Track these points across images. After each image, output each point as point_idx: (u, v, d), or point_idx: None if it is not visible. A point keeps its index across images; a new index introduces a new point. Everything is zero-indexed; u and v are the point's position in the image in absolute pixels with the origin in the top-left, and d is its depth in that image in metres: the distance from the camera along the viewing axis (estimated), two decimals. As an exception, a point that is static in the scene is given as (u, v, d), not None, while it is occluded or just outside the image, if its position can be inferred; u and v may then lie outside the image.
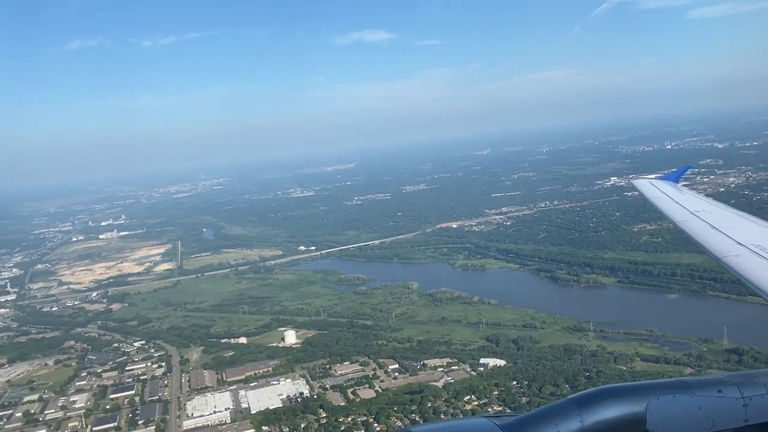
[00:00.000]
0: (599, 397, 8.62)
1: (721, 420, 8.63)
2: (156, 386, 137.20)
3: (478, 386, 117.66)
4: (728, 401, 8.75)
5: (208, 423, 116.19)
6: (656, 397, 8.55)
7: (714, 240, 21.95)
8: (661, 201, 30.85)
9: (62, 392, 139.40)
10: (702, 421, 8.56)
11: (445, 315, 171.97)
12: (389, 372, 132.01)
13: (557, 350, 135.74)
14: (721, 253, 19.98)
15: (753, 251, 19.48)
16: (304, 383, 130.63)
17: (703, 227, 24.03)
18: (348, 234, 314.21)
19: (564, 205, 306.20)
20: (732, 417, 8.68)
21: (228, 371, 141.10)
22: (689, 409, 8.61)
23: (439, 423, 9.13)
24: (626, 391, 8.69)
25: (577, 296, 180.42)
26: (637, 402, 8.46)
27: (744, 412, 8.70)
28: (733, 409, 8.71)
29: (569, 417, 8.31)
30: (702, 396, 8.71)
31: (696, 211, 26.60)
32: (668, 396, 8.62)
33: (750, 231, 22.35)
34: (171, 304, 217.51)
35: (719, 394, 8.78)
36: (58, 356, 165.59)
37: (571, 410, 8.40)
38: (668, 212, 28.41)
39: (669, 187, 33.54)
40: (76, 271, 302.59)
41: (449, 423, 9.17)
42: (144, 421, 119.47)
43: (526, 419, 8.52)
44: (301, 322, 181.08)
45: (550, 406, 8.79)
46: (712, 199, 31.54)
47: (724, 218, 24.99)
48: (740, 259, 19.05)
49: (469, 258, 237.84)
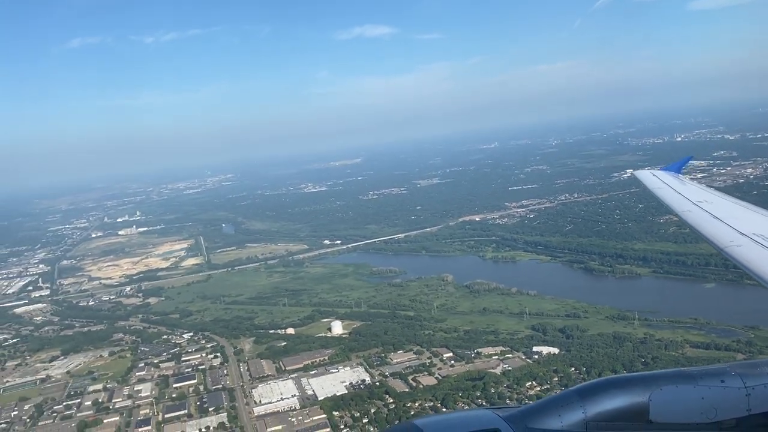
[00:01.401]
0: (602, 387, 8.76)
1: (724, 410, 8.72)
2: (216, 375, 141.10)
3: (537, 373, 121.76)
4: (731, 391, 8.82)
5: (278, 409, 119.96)
6: (659, 387, 8.65)
7: (716, 230, 22.07)
8: (663, 192, 31.08)
9: (125, 382, 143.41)
10: (705, 411, 8.64)
11: (486, 306, 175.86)
12: (445, 360, 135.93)
13: (607, 338, 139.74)
14: (724, 244, 20.12)
15: (755, 241, 19.59)
16: (363, 371, 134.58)
17: (705, 217, 24.14)
18: (370, 228, 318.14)
19: (584, 198, 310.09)
20: (735, 407, 8.76)
21: (285, 360, 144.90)
22: (692, 399, 8.70)
23: (444, 415, 9.04)
24: (629, 382, 8.80)
25: (614, 286, 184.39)
26: (639, 392, 8.56)
27: (747, 401, 8.79)
28: (736, 399, 8.79)
29: (572, 407, 8.43)
30: (705, 386, 8.78)
31: (698, 202, 26.76)
32: (671, 386, 8.71)
33: (752, 221, 22.54)
34: (208, 298, 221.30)
35: (722, 384, 8.85)
36: (110, 348, 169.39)
37: (574, 401, 8.53)
38: (670, 203, 28.56)
39: (671, 178, 33.89)
40: (103, 267, 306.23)
41: (454, 415, 9.10)
42: (214, 408, 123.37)
43: (529, 410, 8.72)
44: (343, 313, 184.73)
45: (552, 397, 9.01)
46: (714, 189, 32.16)
47: (726, 208, 25.22)
48: (742, 249, 19.14)
49: (497, 250, 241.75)
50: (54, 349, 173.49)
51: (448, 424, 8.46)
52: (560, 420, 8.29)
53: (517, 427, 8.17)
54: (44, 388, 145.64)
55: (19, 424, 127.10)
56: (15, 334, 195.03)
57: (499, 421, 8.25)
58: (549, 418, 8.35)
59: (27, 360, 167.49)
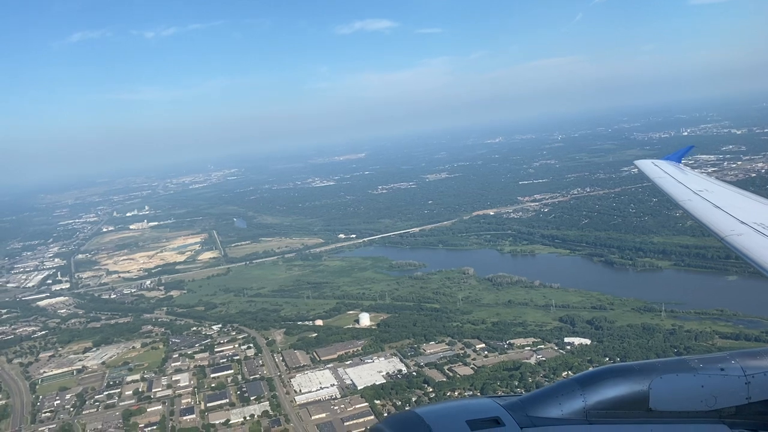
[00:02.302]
0: (602, 376, 8.83)
1: (724, 397, 8.80)
2: (252, 366, 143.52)
3: (572, 363, 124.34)
4: (731, 379, 8.91)
5: (319, 398, 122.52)
6: (659, 375, 8.73)
7: (717, 219, 22.13)
8: (664, 181, 31.10)
9: (161, 372, 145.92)
10: (705, 399, 8.72)
11: (511, 298, 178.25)
12: (478, 351, 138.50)
13: (636, 329, 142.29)
14: (724, 233, 20.18)
15: (756, 230, 19.66)
16: (398, 361, 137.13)
17: (705, 206, 24.16)
18: (384, 222, 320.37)
19: (597, 192, 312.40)
20: (734, 395, 8.84)
21: (319, 351, 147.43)
22: (692, 388, 8.77)
23: (445, 404, 9.10)
24: (629, 371, 8.86)
25: (636, 279, 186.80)
26: (640, 381, 8.64)
27: (746, 389, 8.87)
28: (735, 387, 8.86)
29: (572, 396, 8.51)
30: (705, 374, 8.87)
31: (699, 191, 26.80)
32: (671, 374, 8.79)
33: (753, 209, 22.64)
34: (230, 290, 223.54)
35: (722, 372, 8.95)
36: (141, 339, 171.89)
37: (574, 390, 8.59)
38: (671, 192, 28.57)
39: (672, 167, 33.84)
40: (118, 261, 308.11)
41: (454, 403, 9.30)
42: (255, 397, 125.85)
43: (529, 399, 8.75)
44: (368, 305, 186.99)
45: (552, 386, 9.03)
46: (715, 178, 32.40)
47: (726, 197, 25.26)
48: (743, 238, 19.18)
49: (515, 244, 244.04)
50: (85, 341, 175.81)
51: (449, 413, 8.52)
52: (560, 408, 8.37)
53: (517, 415, 8.25)
54: (82, 378, 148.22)
55: (63, 412, 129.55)
56: (42, 326, 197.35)
57: (500, 410, 8.33)
58: (549, 406, 8.43)
59: (59, 351, 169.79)
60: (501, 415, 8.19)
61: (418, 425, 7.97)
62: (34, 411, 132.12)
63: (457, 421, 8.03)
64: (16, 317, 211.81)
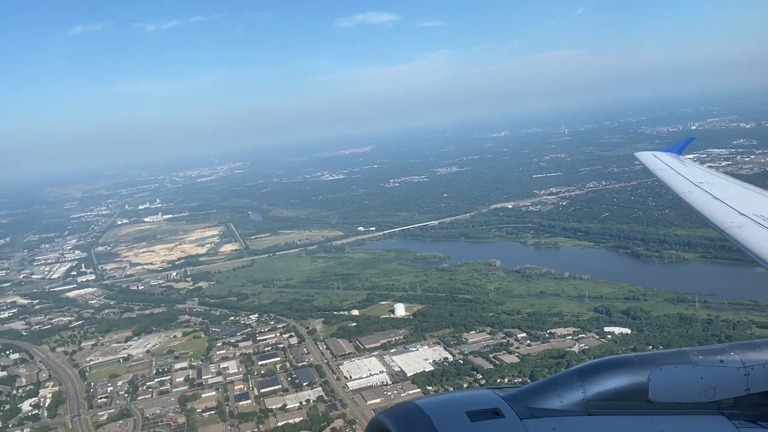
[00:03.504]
0: (601, 368, 8.83)
1: (723, 389, 8.84)
2: (298, 353, 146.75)
3: (616, 351, 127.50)
4: (730, 371, 8.94)
5: (371, 384, 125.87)
6: (658, 367, 8.73)
7: (717, 211, 22.16)
8: (664, 173, 31.04)
9: (208, 360, 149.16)
10: (704, 390, 8.76)
11: (542, 290, 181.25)
12: (520, 340, 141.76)
13: (673, 319, 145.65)
14: (724, 225, 20.25)
15: (756, 222, 19.72)
16: (443, 349, 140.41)
17: (706, 198, 24.18)
18: (401, 215, 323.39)
19: (613, 185, 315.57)
20: (733, 386, 8.89)
21: (361, 339, 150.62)
22: (691, 379, 8.80)
23: (444, 395, 9.23)
24: (628, 362, 8.86)
25: (664, 271, 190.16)
26: (639, 372, 8.65)
27: (746, 381, 8.91)
28: (734, 379, 8.90)
29: (572, 388, 8.51)
30: (704, 366, 8.89)
31: (699, 183, 26.79)
32: (670, 366, 8.80)
33: (753, 201, 22.77)
34: (258, 282, 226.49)
35: (721, 364, 8.97)
36: (181, 329, 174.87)
37: (574, 381, 8.61)
38: (671, 184, 28.54)
39: (672, 159, 33.98)
40: (139, 253, 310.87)
41: (454, 395, 9.34)
42: (307, 383, 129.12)
43: (529, 390, 8.74)
44: (399, 296, 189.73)
45: (552, 378, 9.02)
46: (715, 170, 32.49)
47: (726, 189, 25.31)
48: (743, 230, 19.19)
49: (537, 236, 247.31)
50: (123, 331, 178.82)
51: (449, 404, 8.59)
52: (560, 400, 8.39)
53: (516, 406, 8.28)
54: (129, 366, 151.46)
55: (118, 398, 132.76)
56: (77, 316, 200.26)
57: (500, 401, 8.36)
58: (549, 397, 8.44)
59: (100, 340, 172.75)
60: (501, 406, 8.23)
61: (418, 416, 8.00)
62: (89, 397, 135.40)
63: (456, 413, 8.07)
64: (50, 308, 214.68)
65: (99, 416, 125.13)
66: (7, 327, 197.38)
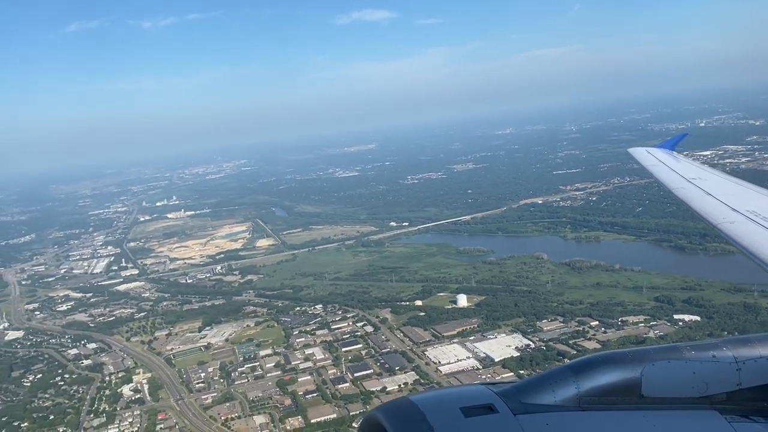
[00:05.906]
0: (595, 363, 8.86)
1: (715, 384, 8.90)
2: (378, 341, 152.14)
3: (694, 336, 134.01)
4: (722, 366, 8.99)
5: (462, 368, 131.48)
6: (651, 362, 8.79)
7: (709, 207, 22.45)
8: (657, 169, 31.25)
9: (290, 347, 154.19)
10: (696, 385, 8.83)
11: (597, 281, 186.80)
12: (594, 327, 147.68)
13: (737, 307, 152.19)
14: (717, 220, 20.52)
15: (748, 217, 19.91)
16: (521, 337, 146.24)
17: (698, 194, 24.53)
18: (430, 210, 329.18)
19: (638, 181, 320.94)
20: (725, 381, 8.94)
21: (437, 327, 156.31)
22: (683, 374, 8.85)
23: (438, 391, 9.47)
24: (621, 358, 8.91)
25: (711, 263, 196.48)
26: (632, 368, 8.70)
27: (737, 376, 8.96)
28: (726, 374, 8.95)
29: (565, 383, 8.56)
30: (696, 361, 8.94)
31: (692, 179, 27.00)
32: (663, 362, 8.86)
33: (745, 197, 23.13)
34: (306, 275, 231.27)
35: (713, 359, 9.01)
36: (251, 319, 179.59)
37: (567, 377, 8.66)
38: (664, 180, 28.78)
39: (665, 155, 34.39)
40: (173, 248, 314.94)
41: (448, 390, 9.43)
42: (399, 367, 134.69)
43: (523, 385, 8.78)
44: (455, 288, 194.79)
45: (545, 373, 9.10)
46: (708, 166, 33.61)
47: (719, 185, 25.66)
48: (735, 226, 19.39)
49: (575, 231, 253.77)
50: (191, 321, 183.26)
51: (443, 399, 8.70)
52: (554, 395, 8.41)
53: (510, 402, 8.30)
54: (213, 353, 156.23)
55: (214, 383, 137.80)
56: (138, 309, 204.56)
57: (494, 396, 8.38)
58: (543, 393, 8.46)
59: (172, 331, 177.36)
60: (494, 401, 8.24)
61: (411, 412, 8.04)
62: (184, 382, 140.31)
63: (450, 408, 8.08)
64: (106, 301, 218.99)
65: (203, 399, 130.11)
66: (71, 319, 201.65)
